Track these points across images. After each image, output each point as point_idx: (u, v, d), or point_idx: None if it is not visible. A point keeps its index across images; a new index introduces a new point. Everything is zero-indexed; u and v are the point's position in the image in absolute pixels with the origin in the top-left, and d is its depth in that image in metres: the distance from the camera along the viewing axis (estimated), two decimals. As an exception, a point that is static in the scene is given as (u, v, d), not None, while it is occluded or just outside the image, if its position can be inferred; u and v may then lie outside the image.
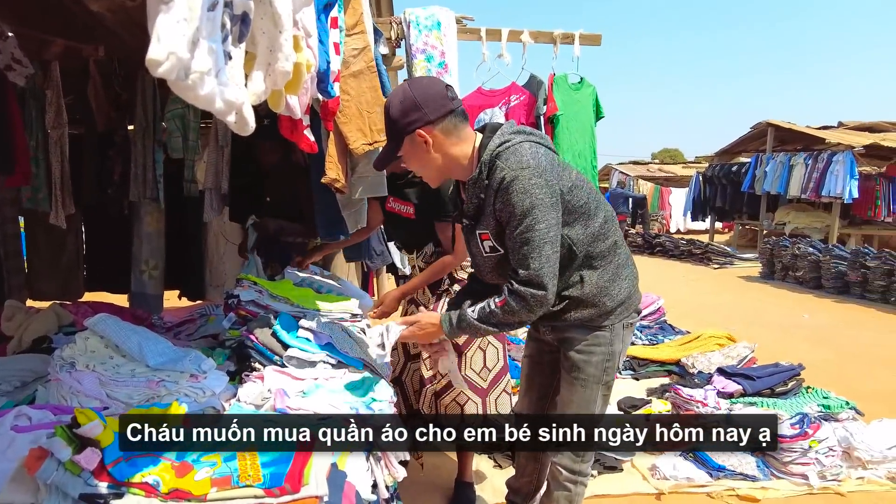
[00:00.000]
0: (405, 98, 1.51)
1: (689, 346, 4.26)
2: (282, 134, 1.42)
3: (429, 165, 1.58)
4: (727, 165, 12.63)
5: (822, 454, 2.67)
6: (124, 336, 1.63)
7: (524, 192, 1.46)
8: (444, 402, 2.39)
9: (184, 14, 0.55)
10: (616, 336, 1.70)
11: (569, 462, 1.80)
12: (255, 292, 2.33)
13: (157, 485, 0.88)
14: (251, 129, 0.84)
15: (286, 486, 0.91)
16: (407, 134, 1.52)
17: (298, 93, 1.07)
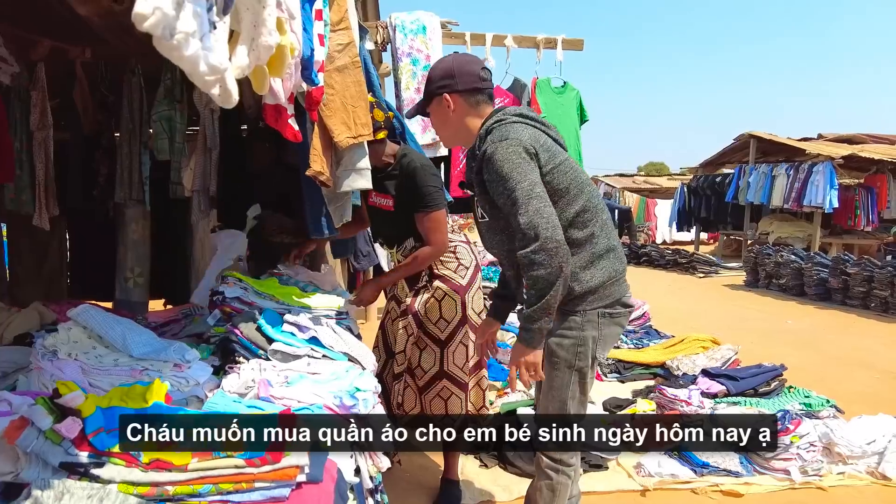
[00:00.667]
0: (446, 66, 1.77)
1: (674, 349, 4.30)
2: (266, 122, 1.44)
3: (446, 126, 1.80)
4: (711, 177, 12.83)
5: (803, 449, 2.71)
6: (108, 326, 1.63)
7: (502, 160, 1.57)
8: (429, 397, 2.40)
9: (168, -28, 0.58)
10: (588, 322, 1.70)
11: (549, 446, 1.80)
12: (240, 289, 2.33)
13: (138, 455, 0.89)
14: (235, 101, 0.86)
15: (267, 456, 0.92)
16: (436, 95, 1.75)
17: (283, 76, 1.10)
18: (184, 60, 0.64)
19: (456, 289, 2.36)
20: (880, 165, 10.41)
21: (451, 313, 2.36)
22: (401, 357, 2.41)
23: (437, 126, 1.86)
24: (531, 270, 1.57)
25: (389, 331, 2.53)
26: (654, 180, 19.69)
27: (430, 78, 1.77)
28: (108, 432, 0.92)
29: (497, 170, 1.58)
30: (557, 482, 1.82)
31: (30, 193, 3.06)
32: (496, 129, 1.66)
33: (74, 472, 0.86)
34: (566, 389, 1.75)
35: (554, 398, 1.77)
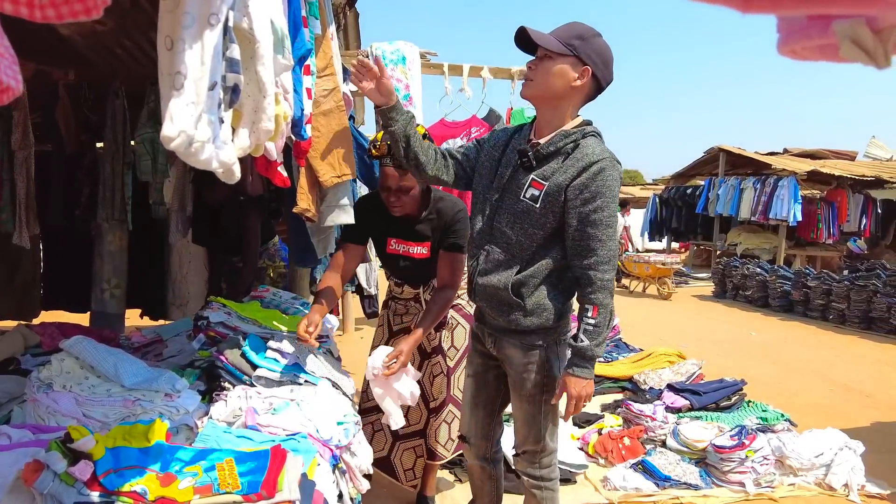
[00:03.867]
0: (605, 48, 1.64)
1: (642, 364, 4.48)
2: (257, 171, 1.54)
3: (556, 84, 1.63)
4: (682, 188, 13.20)
5: (757, 463, 2.89)
6: (100, 357, 1.70)
7: (615, 182, 1.61)
8: (436, 424, 2.45)
9: (192, 98, 0.68)
10: (552, 352, 1.77)
11: (528, 468, 1.91)
12: (223, 314, 2.41)
13: (145, 493, 0.98)
14: (237, 179, 0.96)
15: (262, 492, 1.02)
16: (579, 58, 1.60)
17: (278, 139, 1.20)
18: (199, 163, 0.75)
19: (466, 317, 2.44)
20: (840, 181, 10.86)
21: (461, 341, 2.45)
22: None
23: (541, 79, 1.63)
24: (604, 298, 1.63)
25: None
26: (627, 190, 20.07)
27: (584, 37, 1.60)
28: (115, 472, 1.01)
29: (609, 187, 1.60)
30: (543, 498, 1.93)
31: (10, 212, 3.09)
32: (597, 140, 1.66)
33: (85, 511, 0.95)
34: (539, 417, 1.83)
35: (530, 427, 1.85)
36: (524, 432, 1.88)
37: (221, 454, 1.14)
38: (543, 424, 1.84)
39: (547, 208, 1.64)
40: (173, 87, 0.68)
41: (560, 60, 1.61)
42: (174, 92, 0.68)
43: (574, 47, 1.61)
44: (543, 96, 1.67)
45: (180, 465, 1.09)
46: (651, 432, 3.24)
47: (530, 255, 1.70)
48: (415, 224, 2.17)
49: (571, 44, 1.61)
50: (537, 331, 1.74)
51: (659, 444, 3.18)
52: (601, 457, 3.12)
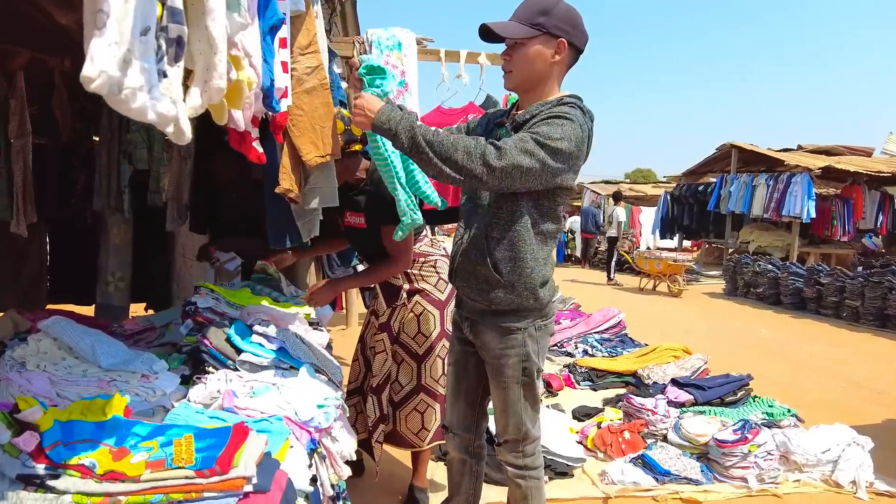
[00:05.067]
0: (569, 13, 1.58)
1: (646, 358, 4.40)
2: (231, 145, 1.51)
3: (535, 67, 1.60)
4: (694, 185, 13.03)
5: (760, 458, 2.80)
6: (77, 338, 1.68)
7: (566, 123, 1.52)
8: (405, 412, 2.43)
9: (115, 38, 0.64)
10: (529, 337, 1.72)
11: (511, 458, 1.85)
12: (212, 299, 2.38)
13: (94, 467, 0.95)
14: (188, 140, 0.92)
15: (216, 467, 0.98)
16: (552, 34, 1.56)
17: (242, 107, 1.16)
18: (132, 112, 0.71)
19: (435, 303, 2.40)
20: (856, 177, 10.65)
21: (430, 328, 2.40)
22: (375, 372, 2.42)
23: (520, 63, 1.61)
24: (477, 151, 1.48)
25: (368, 343, 2.55)
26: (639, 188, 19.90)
27: (547, 10, 1.56)
28: (65, 445, 0.98)
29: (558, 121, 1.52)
30: (528, 487, 1.86)
31: (7, 201, 3.10)
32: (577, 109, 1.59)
33: (31, 484, 0.91)
34: (518, 405, 1.78)
35: (510, 415, 1.80)
36: (504, 421, 1.83)
37: (181, 430, 1.11)
38: (524, 412, 1.79)
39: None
40: (95, 25, 0.64)
41: (532, 43, 1.59)
42: (96, 31, 0.64)
43: (541, 25, 1.57)
44: (527, 82, 1.65)
45: (136, 440, 1.05)
46: (652, 426, 3.16)
47: (509, 228, 1.66)
48: (354, 194, 2.29)
49: (538, 22, 1.57)
50: (516, 311, 1.70)
51: (660, 439, 3.11)
52: (600, 450, 3.05)
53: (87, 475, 0.94)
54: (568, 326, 5.62)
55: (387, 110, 1.54)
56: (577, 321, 5.70)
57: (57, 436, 0.97)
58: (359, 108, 1.57)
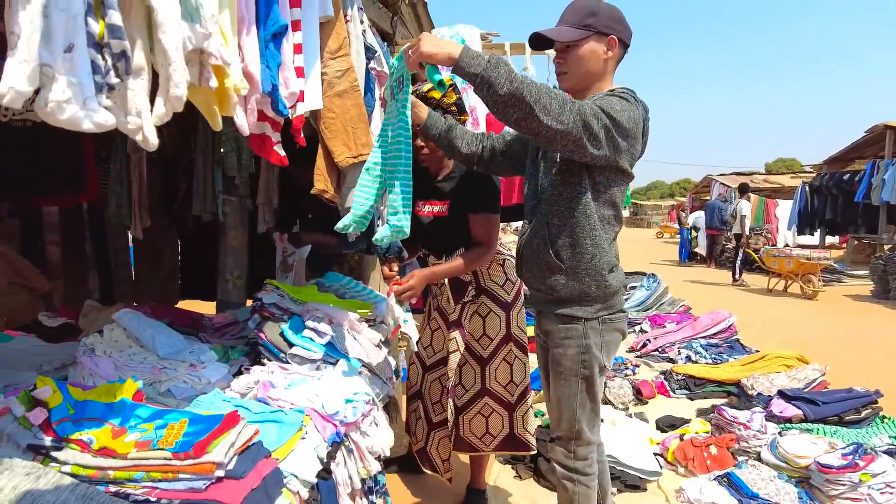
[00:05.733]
0: (612, 9, 1.64)
1: (753, 367, 3.96)
2: (252, 149, 1.60)
3: (589, 66, 1.65)
4: (837, 174, 11.48)
5: (876, 490, 2.39)
6: (141, 329, 1.89)
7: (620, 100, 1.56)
8: (468, 416, 2.37)
9: (24, 57, 0.71)
10: (591, 330, 1.70)
11: (561, 458, 1.80)
12: (276, 296, 2.54)
13: (91, 442, 1.06)
14: (154, 146, 1.00)
15: (191, 451, 1.05)
16: (602, 32, 1.62)
17: (233, 113, 1.23)
18: (62, 122, 0.78)
19: (501, 305, 2.32)
20: None
21: (495, 330, 2.33)
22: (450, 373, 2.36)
23: (575, 64, 1.65)
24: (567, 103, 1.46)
25: (435, 346, 2.49)
26: (775, 179, 17.95)
27: (595, 11, 1.61)
28: (74, 421, 1.11)
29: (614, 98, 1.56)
30: (574, 492, 1.79)
31: (127, 208, 3.57)
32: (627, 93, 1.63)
33: (38, 453, 1.05)
34: (574, 399, 1.74)
35: (564, 409, 1.76)
36: (557, 414, 1.79)
37: (179, 415, 1.20)
38: (579, 408, 1.74)
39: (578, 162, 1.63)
40: (9, 46, 0.71)
41: (584, 43, 1.64)
42: (9, 51, 0.71)
43: (591, 25, 1.63)
44: (583, 81, 1.69)
45: (137, 422, 1.16)
46: (744, 442, 2.84)
47: (569, 215, 1.68)
48: (436, 182, 2.25)
49: (588, 24, 1.63)
50: (578, 300, 1.70)
51: (753, 457, 2.78)
52: (681, 464, 2.80)
53: (85, 449, 1.06)
54: (672, 330, 5.24)
55: (472, 51, 1.46)
56: (682, 325, 5.29)
57: (64, 412, 1.09)
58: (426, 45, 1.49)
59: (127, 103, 0.95)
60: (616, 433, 2.91)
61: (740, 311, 6.84)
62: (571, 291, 1.70)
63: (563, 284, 1.70)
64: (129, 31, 0.95)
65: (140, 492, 1.03)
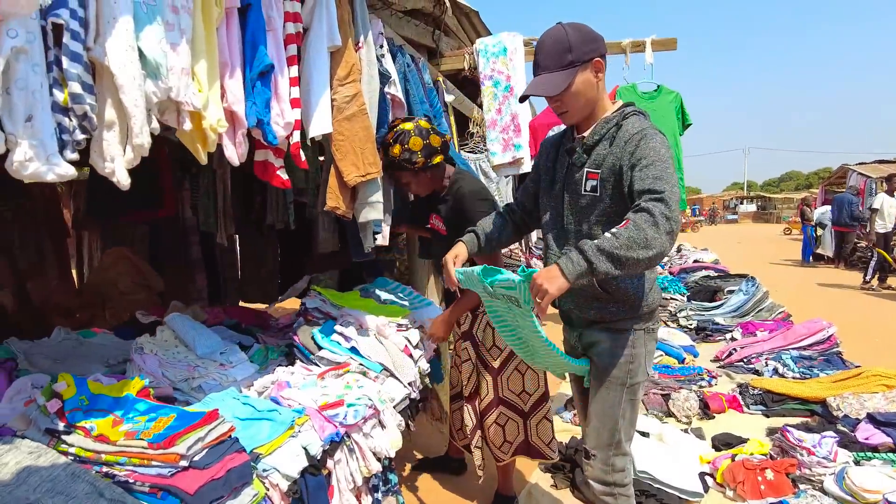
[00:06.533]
0: (579, 30, 1.60)
1: (844, 385, 3.54)
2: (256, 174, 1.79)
3: (587, 96, 1.63)
4: None
5: (957, 534, 2.09)
6: (185, 331, 2.17)
7: (662, 145, 1.54)
8: (487, 424, 2.44)
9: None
10: (637, 339, 1.72)
11: (600, 474, 1.78)
12: (319, 301, 2.76)
13: (92, 429, 1.28)
14: (126, 186, 1.19)
15: (163, 443, 1.23)
16: (584, 62, 1.58)
17: (212, 148, 1.41)
18: (26, 177, 0.98)
19: None
20: None
21: (502, 340, 2.40)
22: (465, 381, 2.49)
23: (572, 101, 1.63)
24: (642, 219, 1.39)
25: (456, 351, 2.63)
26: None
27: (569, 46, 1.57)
28: (85, 411, 1.34)
29: (654, 148, 1.51)
30: None
31: (213, 217, 4.02)
32: (638, 118, 1.62)
33: (53, 436, 1.29)
34: (618, 408, 1.74)
35: (606, 418, 1.75)
36: (598, 424, 1.77)
37: (170, 411, 1.40)
38: (621, 417, 1.74)
39: (606, 193, 1.64)
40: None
41: (575, 78, 1.62)
42: (-23, 124, 0.92)
43: (572, 62, 1.61)
44: (585, 111, 1.69)
45: (134, 414, 1.37)
46: (805, 469, 2.59)
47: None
48: (437, 203, 2.41)
49: (569, 61, 1.61)
50: (632, 318, 1.72)
51: (816, 486, 2.52)
52: (730, 487, 2.61)
53: (87, 435, 1.28)
54: (761, 340, 4.82)
55: (566, 267, 1.43)
56: (774, 334, 4.85)
57: (76, 403, 1.33)
58: (540, 287, 1.43)
59: (103, 151, 1.15)
60: (660, 449, 2.79)
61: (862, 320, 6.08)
62: (619, 315, 1.71)
63: (612, 311, 1.70)
64: (102, 93, 1.15)
65: (123, 474, 1.23)
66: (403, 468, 2.94)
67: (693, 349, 4.96)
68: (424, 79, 2.80)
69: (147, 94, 1.19)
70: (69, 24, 1.03)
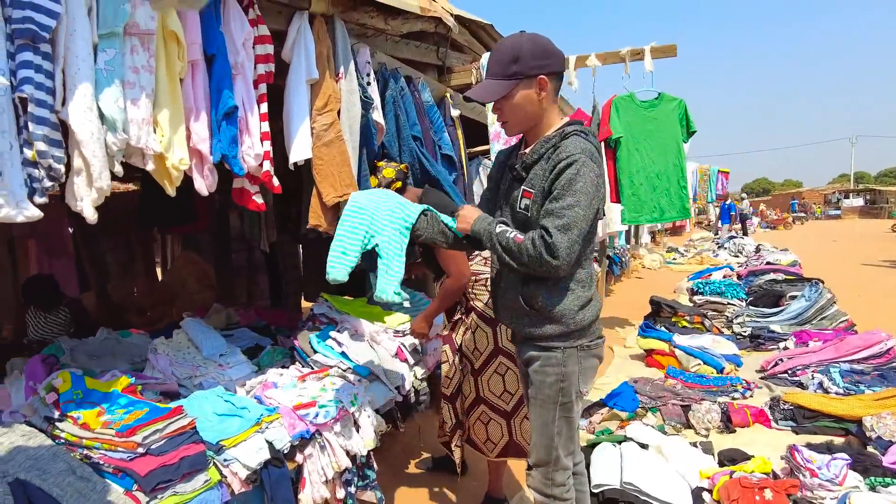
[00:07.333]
0: (536, 43, 1.60)
1: (885, 403, 3.29)
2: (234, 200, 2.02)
3: (526, 110, 1.65)
4: None
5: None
6: (194, 333, 2.47)
7: (585, 178, 1.56)
8: (471, 421, 2.59)
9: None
10: (569, 358, 1.72)
11: (539, 485, 1.84)
12: (326, 307, 3.00)
13: (79, 418, 1.56)
14: (93, 221, 1.45)
15: (125, 433, 1.48)
16: (529, 76, 1.60)
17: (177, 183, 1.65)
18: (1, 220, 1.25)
19: (487, 321, 2.48)
20: None
21: (483, 344, 2.50)
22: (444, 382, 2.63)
23: (511, 113, 1.67)
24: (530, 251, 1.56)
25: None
26: None
27: (517, 56, 1.59)
28: (78, 403, 1.63)
29: (572, 181, 1.55)
30: None
31: (257, 227, 4.41)
32: (576, 139, 1.62)
33: (50, 423, 1.58)
34: (552, 426, 1.77)
35: (542, 436, 1.80)
36: (536, 440, 1.82)
37: (144, 405, 1.66)
38: (556, 435, 1.77)
39: (536, 212, 1.66)
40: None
41: (515, 91, 1.63)
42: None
43: (516, 73, 1.60)
44: (525, 124, 1.71)
45: (116, 407, 1.64)
46: (807, 491, 2.48)
47: None
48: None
49: (512, 72, 1.61)
50: (559, 336, 1.72)
51: (817, 510, 2.42)
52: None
53: (75, 423, 1.56)
54: (811, 350, 4.54)
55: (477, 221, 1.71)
56: (826, 345, 4.54)
57: (70, 396, 1.62)
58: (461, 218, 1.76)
59: (74, 193, 1.42)
60: (654, 461, 2.77)
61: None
62: (545, 332, 1.72)
63: (538, 327, 1.72)
64: (72, 145, 1.41)
65: (97, 457, 1.50)
66: (407, 466, 3.11)
67: (737, 358, 4.74)
68: (423, 98, 2.94)
69: (108, 145, 1.44)
70: (33, 95, 1.29)
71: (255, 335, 3.04)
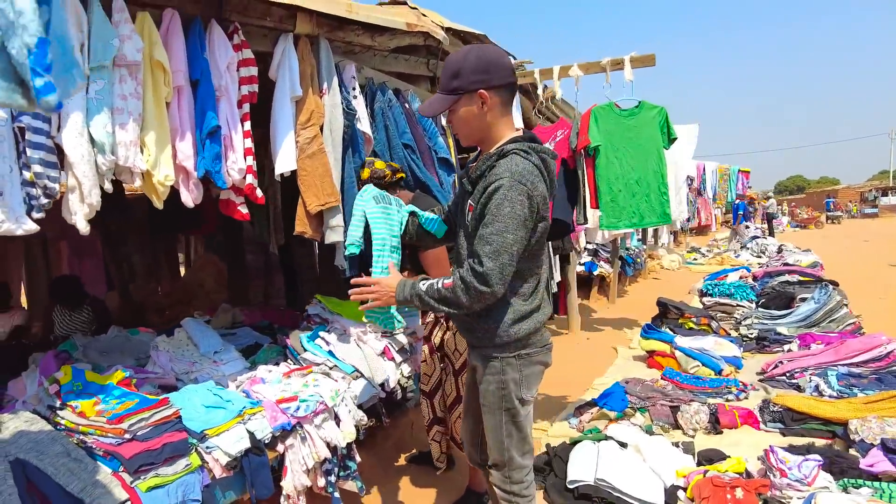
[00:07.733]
0: (479, 57, 1.61)
1: (874, 407, 3.30)
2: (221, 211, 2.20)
3: (471, 125, 1.68)
4: None
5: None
6: (193, 332, 2.67)
7: (510, 202, 1.56)
8: (452, 418, 2.71)
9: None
10: (507, 366, 1.77)
11: (499, 482, 1.95)
12: (319, 308, 3.17)
13: (76, 408, 1.76)
14: (86, 233, 1.63)
15: (115, 421, 1.67)
16: (469, 91, 1.62)
17: (163, 198, 1.83)
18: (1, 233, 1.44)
19: None
20: None
21: (463, 345, 2.59)
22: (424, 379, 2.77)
23: (459, 126, 1.71)
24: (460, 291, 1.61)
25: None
26: None
27: (458, 71, 1.62)
28: (77, 394, 1.82)
29: (499, 206, 1.57)
30: None
31: (267, 230, 4.61)
32: (510, 159, 1.61)
33: (52, 411, 1.78)
34: (500, 430, 1.84)
35: (493, 440, 1.88)
36: (489, 443, 1.93)
37: (135, 397, 1.85)
38: (506, 438, 1.86)
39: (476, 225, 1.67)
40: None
41: (458, 106, 1.66)
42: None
43: (456, 88, 1.63)
44: (474, 137, 1.74)
45: (110, 398, 1.84)
46: (775, 491, 2.54)
47: None
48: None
49: (453, 87, 1.64)
50: (495, 346, 1.78)
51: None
52: (697, 503, 2.64)
53: (73, 412, 1.76)
54: (810, 353, 4.53)
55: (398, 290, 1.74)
56: (827, 348, 4.52)
57: (70, 387, 1.82)
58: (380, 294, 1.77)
59: (69, 208, 1.61)
60: (630, 459, 2.86)
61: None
62: (483, 342, 1.79)
63: (479, 338, 1.79)
64: (66, 167, 1.60)
65: (90, 441, 1.69)
66: (398, 460, 3.26)
67: (737, 360, 4.76)
68: (413, 108, 3.09)
69: (98, 165, 1.63)
70: (30, 124, 1.49)
71: (257, 334, 3.23)
